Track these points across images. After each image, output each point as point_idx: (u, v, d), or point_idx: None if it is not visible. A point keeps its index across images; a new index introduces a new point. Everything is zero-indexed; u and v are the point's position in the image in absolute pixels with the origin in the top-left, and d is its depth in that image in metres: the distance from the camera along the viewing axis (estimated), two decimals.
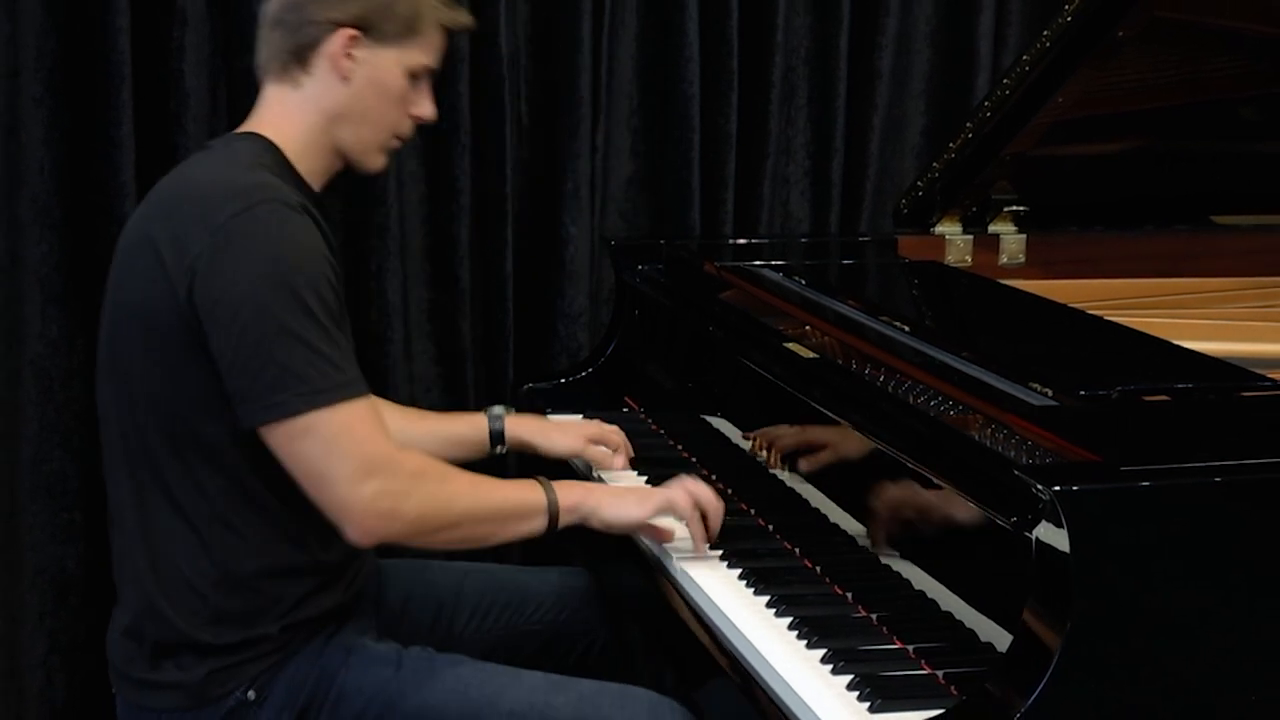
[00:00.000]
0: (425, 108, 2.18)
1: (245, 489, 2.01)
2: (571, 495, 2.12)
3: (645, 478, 2.42)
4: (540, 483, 2.13)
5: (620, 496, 2.17)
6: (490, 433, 2.43)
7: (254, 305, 1.92)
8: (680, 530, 2.17)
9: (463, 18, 2.23)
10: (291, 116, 2.11)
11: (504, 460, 2.56)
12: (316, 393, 1.93)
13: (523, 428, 2.45)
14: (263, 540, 2.03)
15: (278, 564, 2.04)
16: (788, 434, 2.26)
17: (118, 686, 2.12)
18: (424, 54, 2.14)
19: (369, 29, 2.08)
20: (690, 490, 2.14)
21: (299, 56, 2.09)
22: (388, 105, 2.13)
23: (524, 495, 2.11)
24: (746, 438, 2.39)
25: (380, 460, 1.97)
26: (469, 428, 2.44)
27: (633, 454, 2.48)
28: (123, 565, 2.09)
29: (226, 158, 2.07)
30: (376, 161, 2.18)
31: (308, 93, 2.10)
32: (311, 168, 2.12)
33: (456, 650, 2.17)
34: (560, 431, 2.48)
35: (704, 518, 2.14)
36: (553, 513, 2.11)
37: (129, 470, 2.05)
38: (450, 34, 2.20)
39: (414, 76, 2.14)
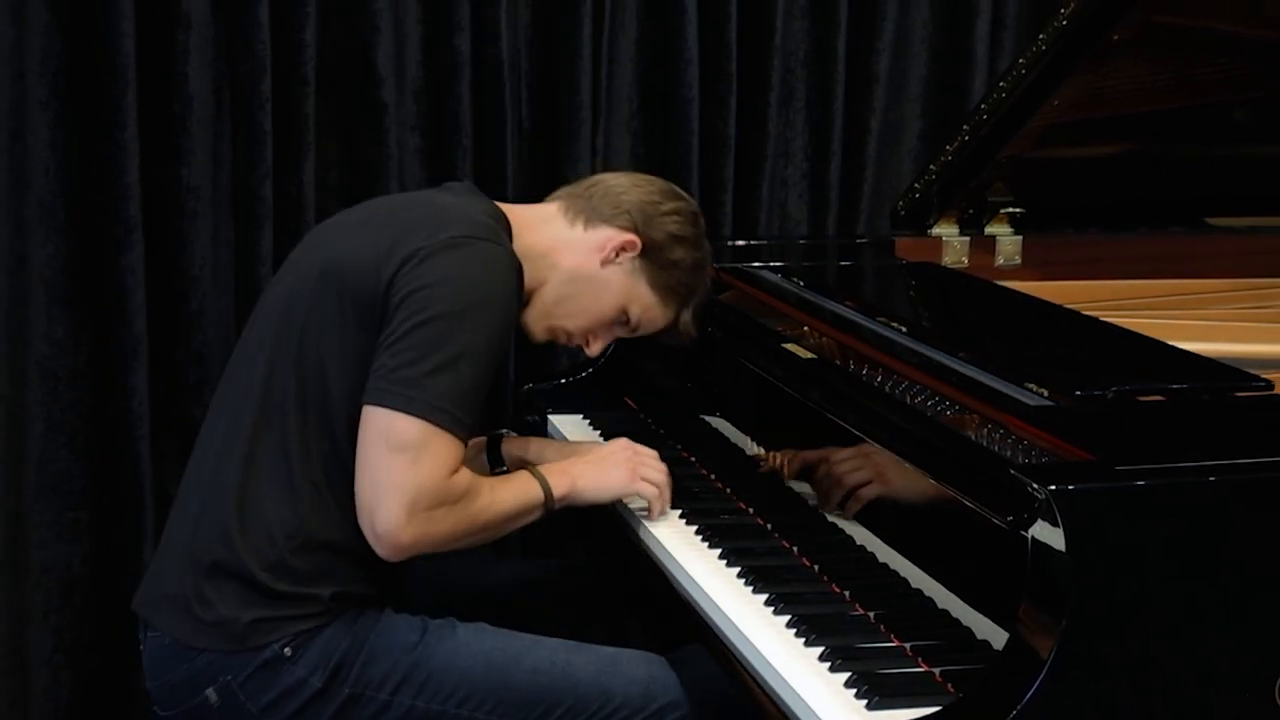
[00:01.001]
0: (597, 346, 2.34)
1: (345, 462, 2.06)
2: (561, 484, 2.21)
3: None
4: (535, 476, 2.20)
5: (598, 476, 2.25)
6: (488, 451, 2.44)
7: (444, 308, 2.02)
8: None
9: (692, 332, 2.36)
10: (542, 233, 2.26)
11: None
12: (440, 410, 2.01)
13: (517, 448, 2.45)
14: (345, 512, 2.07)
15: (349, 540, 2.07)
16: (785, 434, 2.26)
17: (154, 619, 2.13)
18: (649, 314, 2.31)
19: (648, 256, 2.26)
20: (655, 466, 2.28)
21: (592, 215, 2.27)
22: (593, 308, 2.28)
23: (526, 495, 2.19)
24: (744, 437, 2.39)
25: (435, 492, 2.03)
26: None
27: None
28: (208, 493, 2.13)
29: (474, 201, 2.22)
30: (537, 332, 2.31)
31: (570, 236, 2.26)
32: (524, 267, 2.19)
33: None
34: (560, 451, 2.44)
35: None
36: (549, 505, 2.20)
37: (256, 408, 2.11)
38: (676, 325, 2.34)
39: (623, 321, 2.29)
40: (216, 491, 2.12)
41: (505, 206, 2.26)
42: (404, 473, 2.00)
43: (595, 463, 2.28)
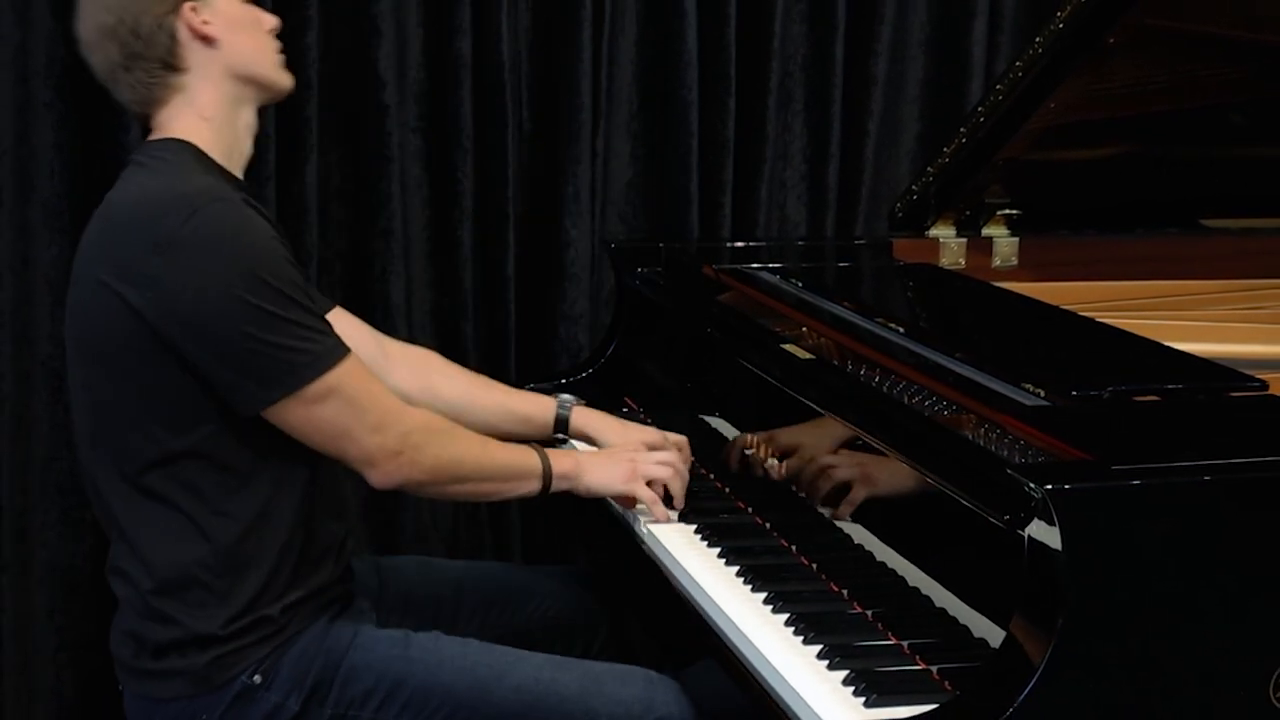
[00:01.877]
0: (267, 18, 2.16)
1: (237, 475, 2.03)
2: (564, 464, 2.21)
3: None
4: (536, 450, 2.21)
5: (604, 468, 2.24)
6: (556, 418, 2.43)
7: (229, 302, 1.93)
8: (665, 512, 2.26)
9: None
10: (196, 115, 2.07)
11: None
12: (318, 357, 1.99)
13: (586, 420, 2.43)
14: (254, 519, 2.04)
15: (270, 541, 2.05)
16: (784, 433, 2.26)
17: (124, 681, 2.12)
18: None
19: None
20: (663, 462, 2.26)
21: (167, 63, 2.06)
22: (253, 32, 2.12)
23: (524, 459, 2.19)
24: (743, 437, 2.39)
25: (392, 413, 2.06)
26: (537, 408, 2.44)
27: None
28: (117, 575, 2.10)
29: (154, 169, 2.04)
30: (284, 80, 2.16)
31: (195, 83, 2.07)
32: (228, 155, 2.10)
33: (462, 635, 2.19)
34: (621, 430, 2.42)
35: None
36: (547, 478, 2.19)
37: (118, 482, 2.05)
38: None
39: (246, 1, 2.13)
40: (129, 570, 2.07)
41: (161, 128, 2.09)
42: (349, 410, 2.01)
43: (601, 456, 2.28)
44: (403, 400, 2.15)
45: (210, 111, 2.08)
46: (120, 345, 1.99)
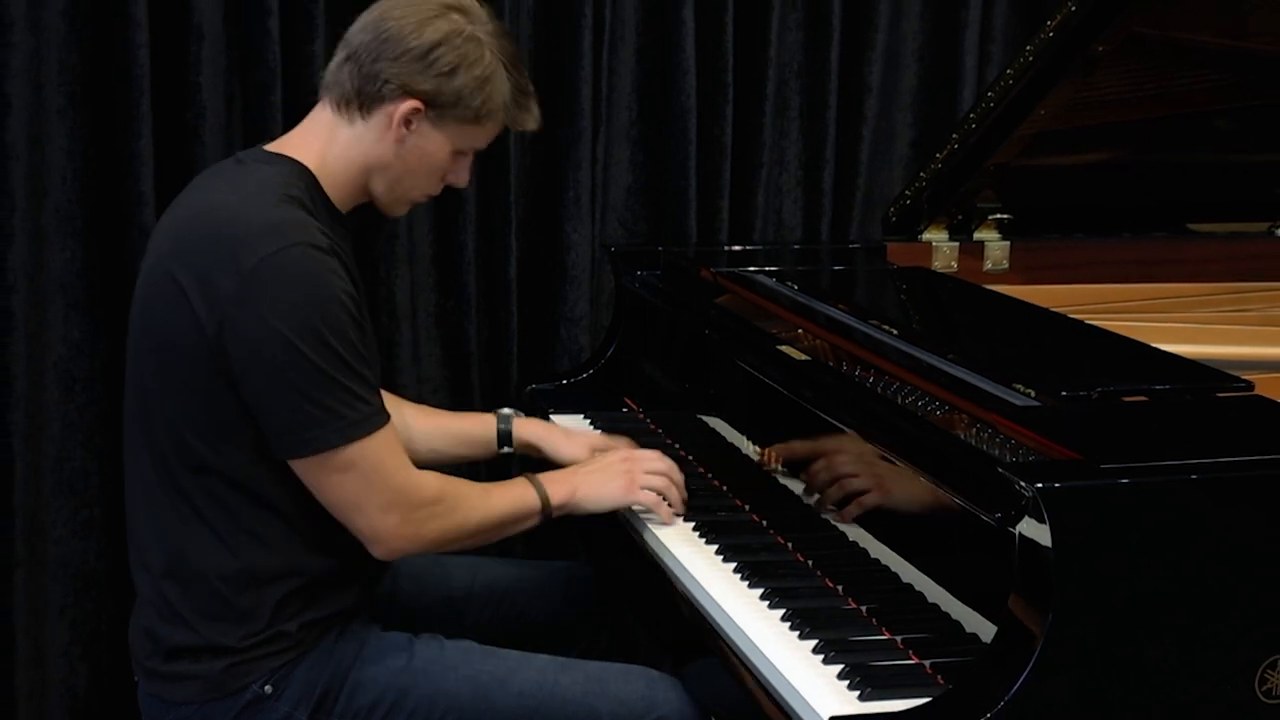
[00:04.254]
0: (461, 178, 2.18)
1: (267, 503, 2.01)
2: (560, 492, 2.19)
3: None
4: (532, 482, 2.19)
5: (600, 485, 2.22)
6: (498, 433, 2.43)
7: (286, 348, 1.91)
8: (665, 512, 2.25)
9: (528, 122, 2.17)
10: (334, 148, 2.08)
11: (508, 459, 2.56)
12: (351, 426, 1.95)
13: (530, 431, 2.44)
14: (284, 545, 2.03)
15: (296, 568, 2.04)
16: (780, 433, 2.26)
17: (139, 675, 2.12)
18: (476, 140, 2.14)
19: (435, 106, 2.05)
20: (657, 471, 2.25)
21: (361, 102, 2.06)
22: (426, 174, 2.13)
23: (522, 501, 2.17)
24: (740, 436, 2.39)
25: (406, 491, 2.02)
26: (478, 426, 2.44)
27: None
28: (140, 566, 2.09)
29: (257, 185, 2.02)
30: (398, 211, 2.19)
31: (358, 134, 2.07)
32: (341, 196, 2.10)
33: (466, 640, 2.18)
34: (566, 440, 2.45)
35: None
36: (546, 512, 2.18)
37: (153, 481, 2.04)
38: (515, 127, 2.18)
39: (460, 154, 2.14)
40: (152, 570, 2.06)
41: (296, 141, 2.10)
42: (364, 488, 1.98)
43: (595, 473, 2.25)
44: None
45: (340, 163, 2.08)
46: (180, 347, 1.97)
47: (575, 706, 2.07)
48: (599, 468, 2.27)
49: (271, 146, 2.12)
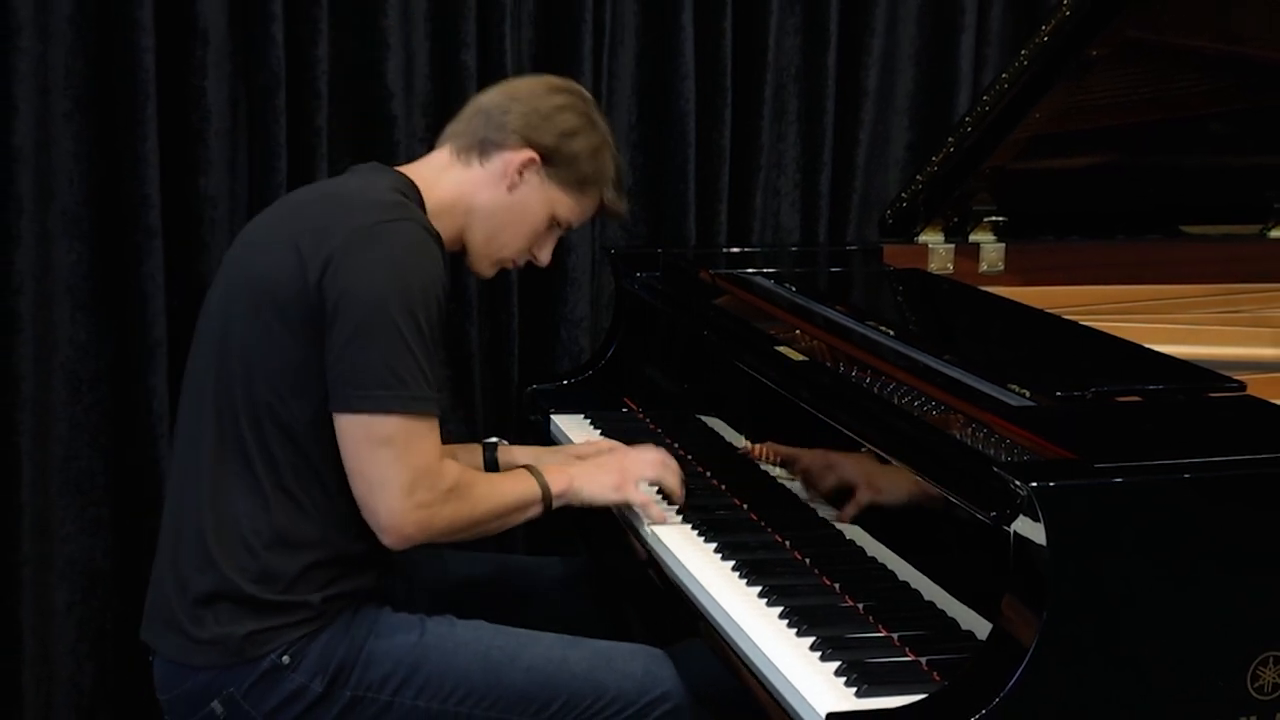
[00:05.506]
0: (544, 254, 2.29)
1: (313, 467, 2.06)
2: (559, 483, 2.22)
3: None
4: (534, 474, 2.22)
5: (595, 478, 2.26)
6: (485, 461, 2.43)
7: (378, 303, 1.99)
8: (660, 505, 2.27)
9: (619, 207, 2.31)
10: (446, 184, 2.20)
11: None
12: (408, 399, 2.01)
13: (515, 457, 2.43)
14: (320, 515, 2.07)
15: (327, 539, 2.07)
16: (778, 432, 2.26)
17: (158, 642, 2.12)
18: (573, 211, 2.25)
19: (549, 163, 2.20)
20: (652, 462, 2.29)
21: (482, 148, 2.20)
22: (522, 230, 2.23)
23: (525, 492, 2.20)
24: (738, 436, 2.39)
25: (431, 475, 2.05)
26: (464, 456, 2.43)
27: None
28: (183, 515, 2.11)
29: (378, 180, 2.16)
30: (485, 270, 2.29)
31: (471, 176, 2.20)
32: (439, 229, 2.16)
33: (476, 619, 2.19)
34: (551, 459, 2.43)
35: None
36: (546, 502, 2.21)
37: (212, 427, 2.08)
38: (604, 207, 2.30)
39: (555, 223, 2.24)
40: (189, 513, 2.09)
41: (407, 168, 2.23)
42: (395, 465, 2.01)
43: (590, 465, 2.29)
44: None
45: (447, 198, 2.19)
46: (277, 293, 2.03)
47: (582, 682, 2.09)
48: (594, 462, 2.30)
49: (396, 167, 2.23)
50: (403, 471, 2.01)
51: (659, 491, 2.30)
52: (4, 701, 2.94)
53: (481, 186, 2.20)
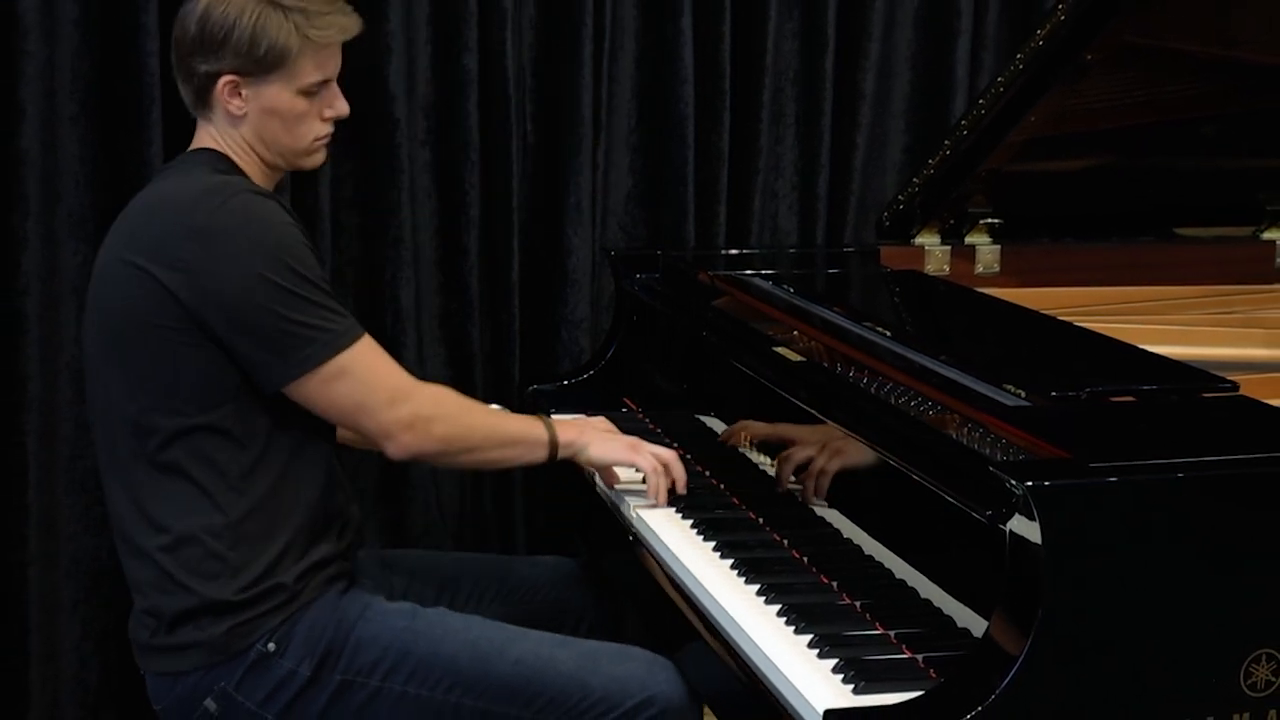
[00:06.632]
0: (336, 108, 2.21)
1: (255, 456, 2.07)
2: (568, 433, 2.25)
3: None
4: (543, 420, 2.25)
5: (606, 441, 2.28)
6: None
7: (255, 282, 2.00)
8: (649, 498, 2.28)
9: (332, 33, 2.16)
10: (221, 141, 2.17)
11: None
12: (337, 336, 2.04)
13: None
14: (274, 501, 2.08)
15: (288, 521, 2.08)
16: (776, 433, 2.26)
17: (144, 663, 2.12)
18: (307, 75, 2.15)
19: (241, 72, 2.11)
20: (659, 455, 2.28)
21: (200, 100, 2.16)
22: (290, 126, 2.17)
23: (531, 429, 2.24)
24: (733, 432, 2.39)
25: (405, 388, 2.11)
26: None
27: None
28: (131, 551, 2.11)
29: (185, 170, 2.14)
30: (311, 162, 2.24)
31: (220, 127, 2.16)
32: (256, 175, 2.17)
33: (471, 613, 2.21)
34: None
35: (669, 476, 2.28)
36: (553, 446, 2.23)
37: (128, 464, 2.08)
38: (321, 45, 2.15)
39: (309, 93, 2.16)
40: (137, 545, 2.09)
41: (200, 146, 2.17)
42: (361, 388, 2.06)
43: (603, 432, 2.31)
44: None
45: (233, 148, 2.16)
46: (147, 323, 2.03)
47: (568, 680, 2.09)
48: (608, 432, 2.32)
49: (185, 153, 2.20)
50: (375, 391, 2.07)
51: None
52: (10, 699, 2.95)
53: (231, 129, 2.14)
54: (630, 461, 2.28)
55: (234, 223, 2.02)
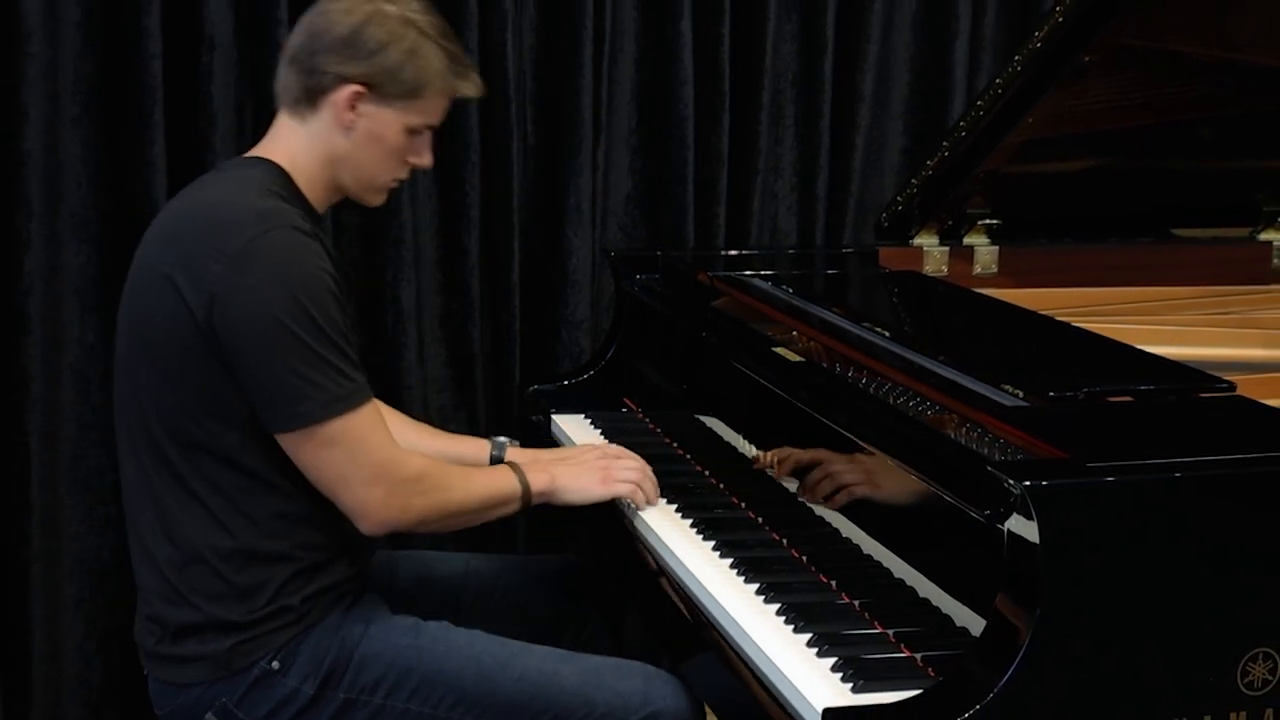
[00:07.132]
0: (424, 159, 2.21)
1: (262, 483, 2.03)
2: (540, 481, 2.22)
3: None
4: (514, 469, 2.22)
5: (578, 478, 2.25)
6: (490, 459, 2.42)
7: (274, 324, 1.95)
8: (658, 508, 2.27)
9: (467, 89, 2.21)
10: (298, 148, 2.13)
11: None
12: (335, 400, 1.98)
13: (522, 458, 2.40)
14: (281, 527, 2.05)
15: (295, 546, 2.06)
16: (776, 432, 2.26)
17: (148, 667, 2.12)
18: (424, 115, 2.16)
19: (374, 88, 2.09)
20: (629, 475, 2.27)
21: (308, 98, 2.11)
22: (384, 157, 2.15)
23: (503, 486, 2.20)
24: (736, 435, 2.39)
25: (389, 466, 2.04)
26: (472, 450, 2.44)
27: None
28: (141, 555, 2.11)
29: (239, 182, 2.08)
30: (374, 200, 2.22)
31: (313, 131, 2.12)
32: (316, 195, 2.14)
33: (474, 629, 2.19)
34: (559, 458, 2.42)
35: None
36: (526, 498, 2.20)
37: (148, 466, 2.06)
38: (460, 95, 2.21)
39: (414, 132, 2.16)
40: (148, 549, 2.09)
41: (265, 150, 2.14)
42: (349, 463, 2.01)
43: (572, 464, 2.28)
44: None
45: (305, 160, 2.12)
46: (169, 334, 2.00)
47: (571, 696, 2.08)
48: (575, 461, 2.30)
49: (249, 154, 2.16)
50: (360, 467, 2.01)
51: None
52: (13, 698, 2.95)
53: (325, 137, 2.11)
54: (606, 497, 2.26)
55: (268, 257, 1.97)
